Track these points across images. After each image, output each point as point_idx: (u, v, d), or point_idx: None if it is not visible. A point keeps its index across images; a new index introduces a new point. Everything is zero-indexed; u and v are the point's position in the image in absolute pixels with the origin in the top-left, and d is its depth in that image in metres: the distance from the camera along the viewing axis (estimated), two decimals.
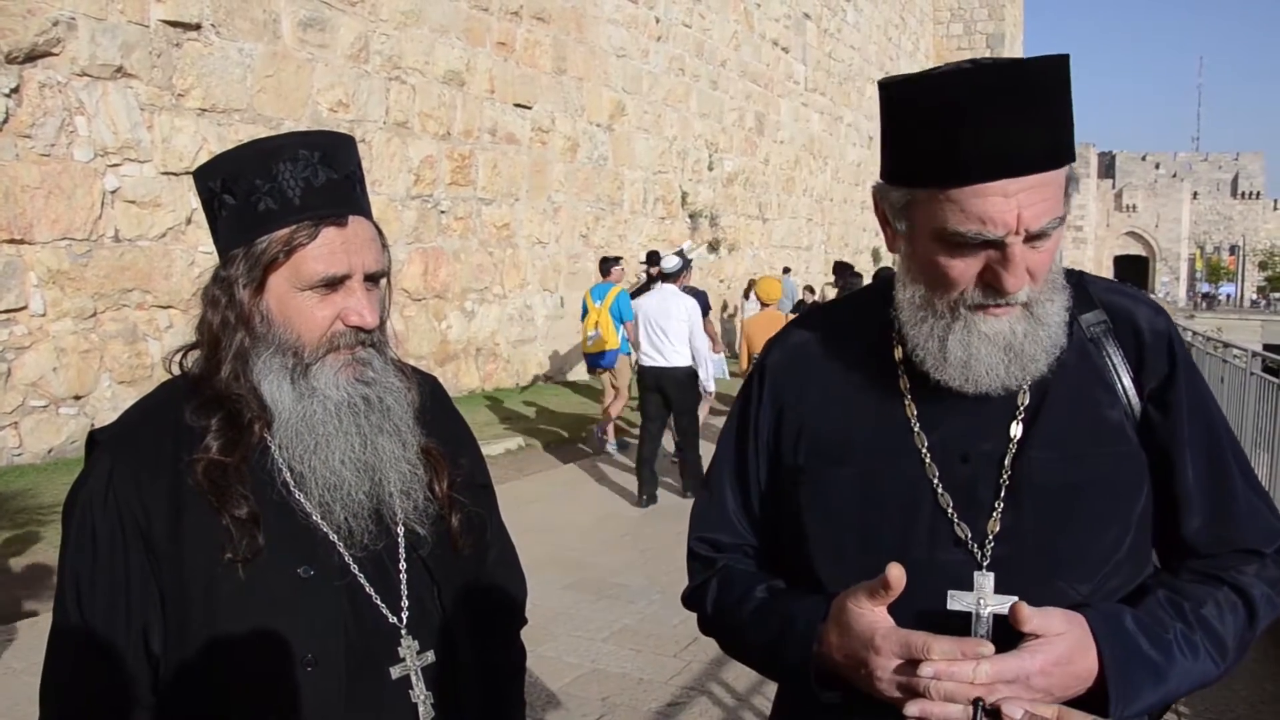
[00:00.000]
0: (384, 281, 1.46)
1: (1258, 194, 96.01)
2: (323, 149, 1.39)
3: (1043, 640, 1.21)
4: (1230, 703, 4.54)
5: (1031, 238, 1.26)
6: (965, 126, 1.22)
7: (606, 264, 11.25)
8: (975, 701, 1.15)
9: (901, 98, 1.29)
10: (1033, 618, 1.21)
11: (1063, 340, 1.36)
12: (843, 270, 14.38)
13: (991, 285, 1.28)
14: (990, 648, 1.20)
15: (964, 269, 1.30)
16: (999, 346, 1.32)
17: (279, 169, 1.36)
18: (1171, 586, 1.37)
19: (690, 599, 1.59)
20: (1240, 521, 1.40)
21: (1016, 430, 1.36)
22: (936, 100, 1.26)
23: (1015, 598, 1.28)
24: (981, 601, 1.29)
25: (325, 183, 1.37)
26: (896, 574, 1.22)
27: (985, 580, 1.30)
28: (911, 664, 1.22)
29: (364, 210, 1.44)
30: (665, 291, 8.91)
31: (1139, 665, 1.26)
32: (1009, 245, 1.25)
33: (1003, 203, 1.23)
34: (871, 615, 1.26)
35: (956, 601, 1.30)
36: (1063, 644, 1.22)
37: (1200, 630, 1.32)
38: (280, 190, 1.35)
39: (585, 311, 10.80)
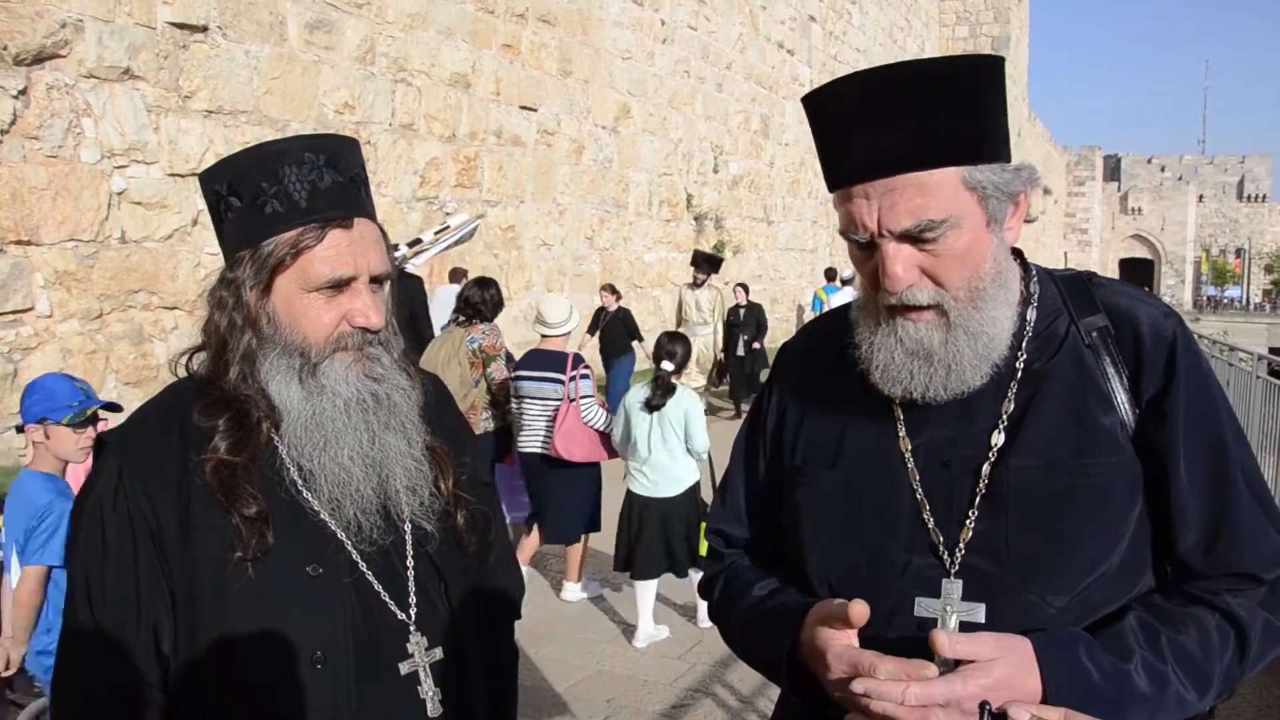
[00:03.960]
0: (388, 283, 1.47)
1: (1264, 197, 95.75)
2: (328, 152, 1.40)
3: (978, 665, 1.18)
4: (1238, 707, 4.53)
5: (911, 239, 1.27)
6: (836, 133, 1.31)
7: (831, 272, 16.47)
8: (982, 705, 1.15)
9: (809, 110, 1.36)
10: (956, 644, 1.19)
11: (999, 352, 1.33)
12: (703, 262, 12.90)
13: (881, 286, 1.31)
14: (933, 670, 1.18)
15: (865, 270, 1.35)
16: (914, 354, 1.32)
17: (285, 172, 1.36)
18: (1151, 610, 1.31)
19: (704, 589, 1.66)
20: (1240, 543, 1.31)
21: (998, 438, 1.34)
22: (823, 110, 1.34)
23: (982, 605, 1.28)
24: (948, 608, 1.29)
25: (331, 185, 1.38)
26: (859, 610, 1.22)
27: (953, 587, 1.30)
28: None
29: (369, 212, 1.45)
30: (846, 293, 12.98)
31: (1086, 696, 1.20)
32: (879, 245, 1.29)
33: (864, 204, 1.28)
34: (830, 631, 1.27)
35: (923, 608, 1.30)
36: (999, 669, 1.18)
37: (1173, 660, 1.26)
38: (286, 193, 1.36)
39: (819, 304, 15.44)
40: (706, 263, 12.72)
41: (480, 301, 6.41)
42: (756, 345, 13.24)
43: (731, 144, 20.70)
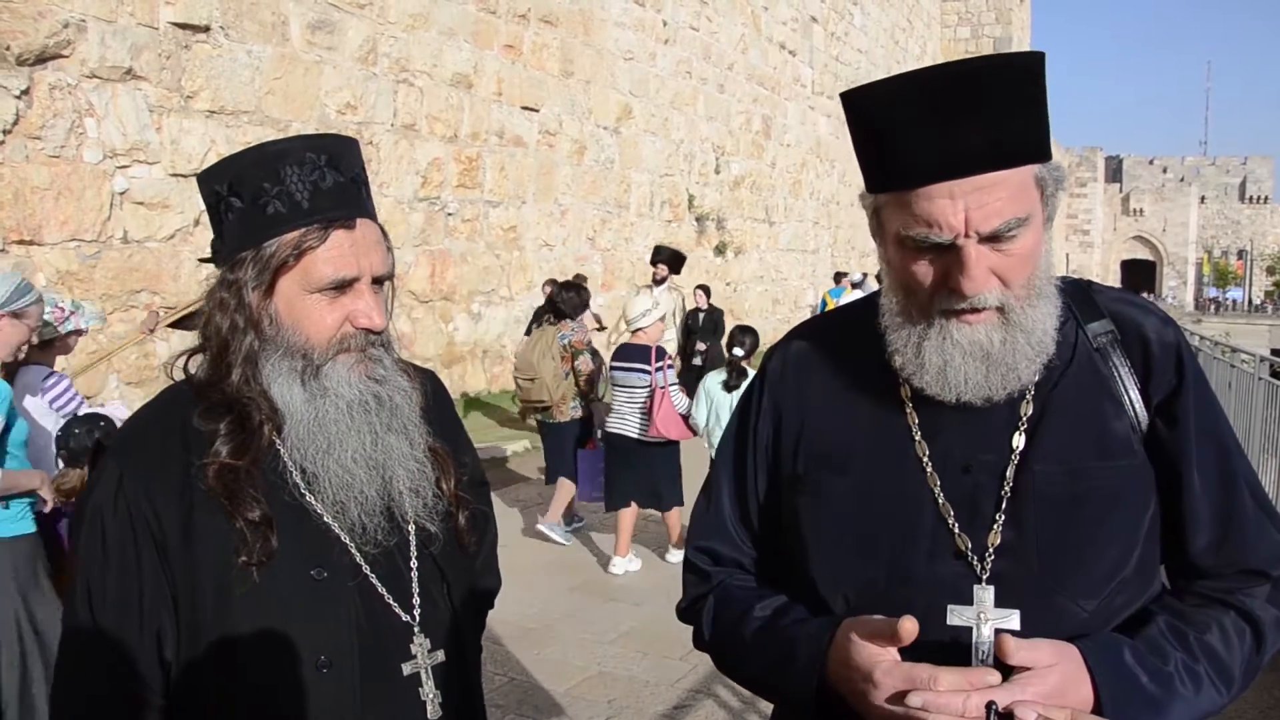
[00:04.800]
0: (388, 283, 1.46)
1: (1265, 198, 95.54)
2: (329, 152, 1.39)
3: (1033, 673, 1.18)
4: (1239, 709, 4.52)
5: (990, 239, 1.24)
6: (906, 130, 1.24)
7: (840, 276, 17.66)
8: (989, 705, 1.13)
9: (856, 107, 1.30)
10: (1019, 650, 1.18)
11: (1050, 348, 1.32)
12: (665, 257, 11.17)
13: (954, 289, 1.26)
14: (996, 676, 1.17)
15: (925, 273, 1.29)
16: (975, 355, 1.29)
17: (286, 172, 1.35)
18: (1175, 612, 1.33)
19: (686, 614, 1.57)
20: (1248, 541, 1.35)
21: (1019, 441, 1.33)
22: (882, 107, 1.27)
23: (1016, 612, 1.26)
24: (982, 616, 1.26)
25: (333, 185, 1.37)
26: (910, 628, 1.19)
27: (985, 594, 1.27)
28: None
29: (370, 213, 1.44)
30: (854, 296, 13.35)
31: (1137, 700, 1.22)
32: (962, 247, 1.24)
33: (948, 205, 1.23)
34: (873, 648, 1.23)
35: (956, 616, 1.27)
36: (1054, 676, 1.18)
37: (1204, 659, 1.28)
38: (288, 193, 1.35)
39: (824, 305, 15.98)
40: (669, 258, 11.09)
41: (562, 302, 7.50)
42: (702, 346, 12.12)
43: (733, 145, 20.70)
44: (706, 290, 13.20)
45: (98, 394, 8.55)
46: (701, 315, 12.73)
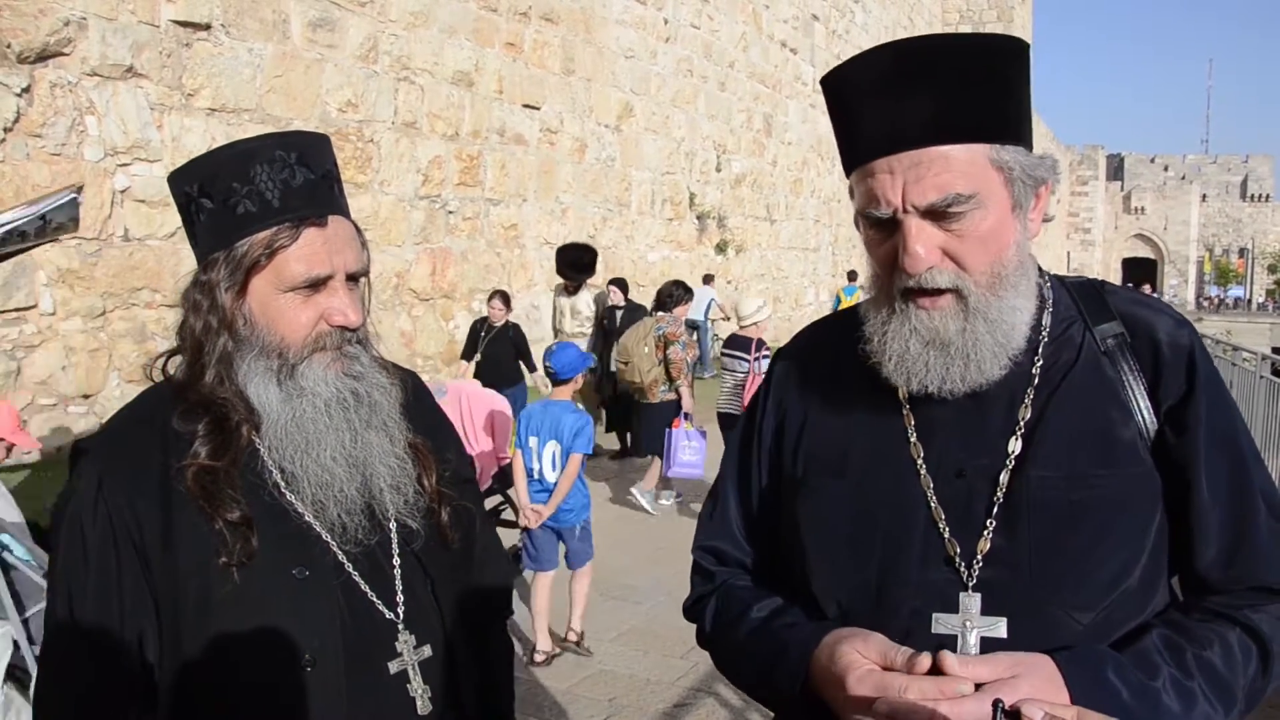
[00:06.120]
0: (363, 280, 1.45)
1: (1267, 196, 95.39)
2: (299, 149, 1.38)
3: (1000, 684, 1.14)
4: None
5: (935, 216, 1.22)
6: (860, 106, 1.26)
7: (853, 275, 18.77)
8: (995, 703, 1.10)
9: (827, 88, 1.32)
10: (968, 666, 1.14)
11: (1019, 344, 1.29)
12: (568, 269, 10.34)
13: (900, 267, 1.25)
14: (969, 686, 1.13)
15: (880, 252, 1.29)
16: (932, 343, 1.26)
17: (256, 171, 1.34)
18: (1175, 627, 1.27)
19: (690, 612, 1.57)
20: (1260, 556, 1.28)
21: (1015, 446, 1.29)
22: (838, 86, 1.30)
23: (1003, 620, 1.23)
24: (967, 624, 1.24)
25: (303, 183, 1.37)
26: (950, 662, 1.14)
27: (971, 602, 1.25)
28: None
29: (342, 209, 1.43)
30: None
31: (1117, 715, 1.16)
32: (902, 222, 1.23)
33: (887, 179, 1.24)
34: (853, 655, 1.21)
35: (941, 624, 1.24)
36: (1024, 686, 1.14)
37: (1200, 676, 1.22)
38: (259, 192, 1.34)
39: (838, 303, 16.85)
40: (571, 268, 9.95)
41: (667, 296, 8.59)
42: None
43: (734, 143, 20.69)
44: (622, 284, 11.22)
45: (99, 391, 8.56)
46: (619, 314, 10.61)
